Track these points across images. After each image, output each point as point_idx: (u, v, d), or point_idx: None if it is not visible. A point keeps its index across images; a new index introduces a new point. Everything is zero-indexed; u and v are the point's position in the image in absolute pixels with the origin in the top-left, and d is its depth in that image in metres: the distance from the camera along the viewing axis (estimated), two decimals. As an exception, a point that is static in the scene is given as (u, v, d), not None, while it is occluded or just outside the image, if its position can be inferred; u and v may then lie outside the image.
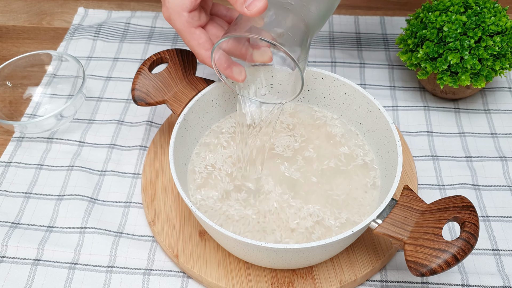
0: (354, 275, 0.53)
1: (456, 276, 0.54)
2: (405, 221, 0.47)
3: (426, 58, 0.64)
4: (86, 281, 0.54)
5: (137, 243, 0.57)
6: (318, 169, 0.56)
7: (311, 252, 0.47)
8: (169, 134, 0.66)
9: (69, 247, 0.57)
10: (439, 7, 0.65)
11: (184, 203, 0.59)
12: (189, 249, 0.56)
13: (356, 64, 0.76)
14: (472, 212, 0.47)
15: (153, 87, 0.60)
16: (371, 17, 0.84)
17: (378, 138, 0.57)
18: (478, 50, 0.62)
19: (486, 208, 0.60)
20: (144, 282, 0.54)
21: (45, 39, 0.83)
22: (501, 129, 0.68)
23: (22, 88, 0.72)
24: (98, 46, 0.80)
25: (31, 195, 0.62)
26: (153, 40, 0.82)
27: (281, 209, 0.53)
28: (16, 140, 0.68)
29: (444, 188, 0.62)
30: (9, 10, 0.87)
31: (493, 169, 0.63)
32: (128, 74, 0.76)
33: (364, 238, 0.56)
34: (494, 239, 0.57)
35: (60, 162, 0.65)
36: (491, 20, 0.62)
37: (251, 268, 0.54)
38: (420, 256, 0.45)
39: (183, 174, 0.55)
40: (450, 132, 0.67)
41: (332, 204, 0.54)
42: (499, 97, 0.71)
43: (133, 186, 0.63)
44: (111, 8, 0.88)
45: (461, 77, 0.62)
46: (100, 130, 0.69)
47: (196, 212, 0.48)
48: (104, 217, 0.60)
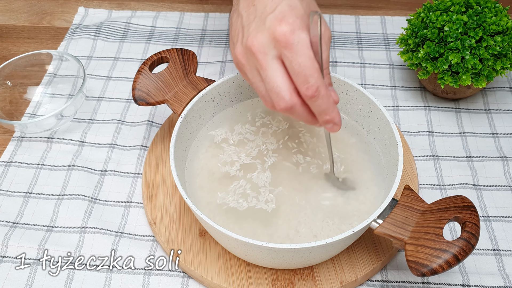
0: (355, 275, 0.53)
1: (457, 276, 0.54)
2: (405, 221, 0.47)
3: (427, 57, 0.64)
4: (86, 281, 0.54)
5: (137, 243, 0.57)
6: (318, 168, 0.56)
7: (312, 252, 0.47)
8: (169, 134, 0.66)
9: (69, 247, 0.57)
10: (440, 6, 0.65)
11: (184, 203, 0.59)
12: (190, 249, 0.55)
13: (357, 63, 0.76)
14: (473, 212, 0.47)
15: (154, 87, 0.60)
16: (371, 17, 0.84)
17: (379, 138, 0.57)
18: (479, 50, 0.62)
19: (487, 208, 0.59)
20: (144, 282, 0.54)
21: (46, 38, 0.83)
22: (502, 129, 0.67)
23: (23, 88, 0.72)
24: (99, 45, 0.80)
25: (31, 195, 0.62)
26: (153, 39, 0.81)
27: (281, 209, 0.53)
28: (16, 139, 0.68)
29: (445, 188, 0.62)
30: (10, 10, 0.87)
31: (494, 169, 0.63)
32: (128, 74, 0.76)
33: (365, 238, 0.56)
34: (495, 239, 0.57)
35: (60, 162, 0.65)
36: (492, 19, 0.62)
37: (251, 268, 0.54)
38: (421, 256, 0.45)
39: (183, 174, 0.55)
40: (450, 132, 0.67)
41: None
42: (500, 97, 0.71)
43: (133, 186, 0.63)
44: (112, 8, 0.88)
45: (462, 77, 0.62)
46: (100, 129, 0.69)
47: (196, 212, 0.48)
48: (105, 217, 0.60)
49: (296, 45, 0.44)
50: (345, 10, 0.86)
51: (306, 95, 0.45)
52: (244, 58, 0.48)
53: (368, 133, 0.59)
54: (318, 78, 0.44)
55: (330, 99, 0.46)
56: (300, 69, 0.44)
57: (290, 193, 0.54)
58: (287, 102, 0.45)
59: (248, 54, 0.47)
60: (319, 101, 0.45)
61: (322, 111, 0.46)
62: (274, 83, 0.45)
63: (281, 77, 0.45)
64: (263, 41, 0.45)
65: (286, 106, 0.46)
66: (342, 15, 0.85)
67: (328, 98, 0.45)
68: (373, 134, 0.58)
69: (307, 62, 0.44)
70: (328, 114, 0.46)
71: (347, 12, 0.85)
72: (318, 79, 0.44)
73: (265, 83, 0.46)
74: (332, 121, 0.47)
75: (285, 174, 0.56)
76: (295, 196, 0.54)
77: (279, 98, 0.45)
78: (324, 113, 0.46)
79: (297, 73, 0.44)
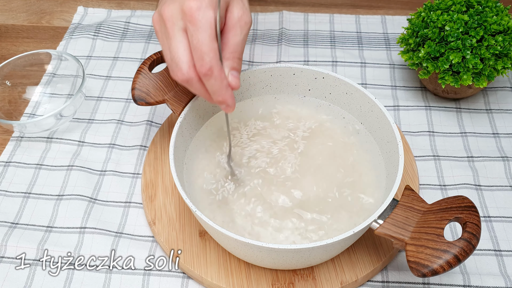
0: (355, 275, 0.53)
1: (457, 276, 0.54)
2: (406, 221, 0.47)
3: (427, 57, 0.63)
4: (85, 281, 0.54)
5: (137, 244, 0.57)
6: (318, 168, 0.56)
7: (312, 253, 0.47)
8: (169, 134, 0.66)
9: (68, 247, 0.56)
10: (441, 6, 0.65)
11: (184, 203, 0.59)
12: (189, 249, 0.55)
13: (357, 63, 0.76)
14: (474, 212, 0.46)
15: (153, 87, 0.59)
16: (372, 16, 0.84)
17: (379, 138, 0.56)
18: (480, 50, 0.61)
19: (488, 208, 0.59)
20: (144, 282, 0.54)
21: (45, 38, 0.83)
22: (503, 129, 0.67)
23: (22, 88, 0.72)
24: (98, 45, 0.80)
25: (30, 195, 0.62)
26: (153, 39, 0.81)
27: (281, 209, 0.53)
28: (15, 139, 0.68)
29: (446, 188, 0.61)
30: (9, 9, 0.87)
31: (495, 169, 0.63)
32: (128, 74, 0.76)
33: (365, 238, 0.56)
34: (496, 239, 0.57)
35: (59, 162, 0.65)
36: (493, 19, 0.62)
37: (251, 269, 0.54)
38: (421, 256, 0.45)
39: (183, 174, 0.55)
40: (451, 132, 0.67)
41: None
42: (501, 96, 0.71)
43: (133, 186, 0.63)
44: (111, 7, 0.87)
45: (463, 77, 0.62)
46: (99, 129, 0.69)
47: (196, 212, 0.47)
48: (104, 217, 0.59)
49: (199, 20, 0.45)
50: (345, 9, 0.85)
51: (200, 72, 0.47)
52: (158, 25, 0.50)
53: (368, 133, 0.58)
54: (213, 58, 0.46)
55: (224, 81, 0.47)
56: (198, 44, 0.45)
57: (290, 193, 0.54)
58: (184, 74, 0.47)
59: (161, 21, 0.49)
60: (211, 81, 0.47)
61: (215, 91, 0.48)
62: (175, 53, 0.47)
63: (183, 49, 0.47)
64: (173, 11, 0.47)
65: (183, 78, 0.48)
66: (342, 14, 0.84)
67: (221, 80, 0.47)
68: (373, 134, 0.58)
69: (205, 40, 0.45)
70: (220, 95, 0.48)
71: (348, 12, 0.85)
72: (213, 58, 0.46)
73: (169, 52, 0.48)
74: (224, 102, 0.49)
75: (285, 174, 0.56)
76: (295, 196, 0.54)
77: (177, 69, 0.48)
78: (216, 93, 0.48)
79: (195, 48, 0.46)
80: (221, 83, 0.47)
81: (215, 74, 0.46)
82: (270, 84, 0.62)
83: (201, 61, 0.46)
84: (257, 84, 0.61)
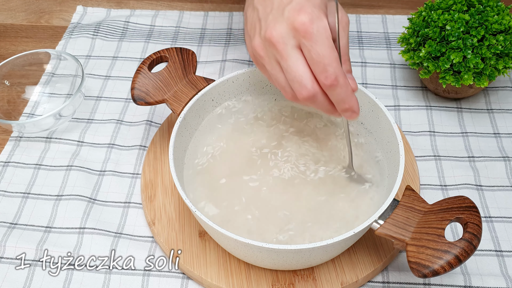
0: (356, 276, 0.53)
1: (458, 277, 0.53)
2: (407, 221, 0.47)
3: (428, 57, 0.63)
4: (85, 282, 0.54)
5: (136, 244, 0.57)
6: (318, 168, 0.56)
7: (312, 253, 0.47)
8: (168, 134, 0.66)
9: (68, 248, 0.56)
10: (442, 5, 0.65)
11: (184, 204, 0.59)
12: (189, 249, 0.55)
13: (358, 63, 0.76)
14: (475, 212, 0.46)
15: (153, 86, 0.59)
16: (373, 16, 0.84)
17: (380, 138, 0.56)
18: (481, 49, 0.61)
19: (489, 208, 0.59)
20: (143, 283, 0.54)
21: (44, 37, 0.82)
22: (504, 129, 0.67)
23: (20, 87, 0.71)
24: (97, 44, 0.80)
25: (29, 195, 0.61)
26: (152, 38, 0.81)
27: (282, 209, 0.53)
28: (14, 139, 0.67)
29: (447, 188, 0.61)
30: (7, 8, 0.87)
31: (496, 169, 0.62)
32: (127, 73, 0.76)
33: (366, 238, 0.55)
34: (497, 240, 0.57)
35: (58, 162, 0.65)
36: (494, 18, 0.62)
37: (251, 269, 0.54)
38: (422, 257, 0.44)
39: (183, 174, 0.55)
40: (452, 132, 0.67)
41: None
42: (502, 96, 0.71)
43: (132, 186, 0.62)
44: (110, 7, 0.87)
45: (464, 76, 0.62)
46: (99, 129, 0.68)
47: (196, 213, 0.47)
48: (103, 218, 0.59)
49: (315, 34, 0.44)
50: (346, 9, 0.85)
51: (325, 84, 0.45)
52: (263, 50, 0.48)
53: (369, 133, 0.58)
54: (336, 67, 0.45)
55: (349, 87, 0.46)
56: (319, 58, 0.44)
57: (288, 195, 0.54)
58: (310, 90, 0.46)
59: (267, 45, 0.47)
60: (337, 90, 0.46)
61: (341, 100, 0.46)
62: (296, 72, 0.46)
63: (303, 66, 0.46)
64: (282, 31, 0.46)
65: (308, 95, 0.46)
66: (342, 14, 0.84)
67: (346, 87, 0.46)
68: (374, 134, 0.57)
69: (325, 51, 0.44)
70: (346, 102, 0.47)
71: (348, 11, 0.85)
72: (336, 68, 0.45)
73: (286, 73, 0.47)
74: (351, 109, 0.47)
75: (285, 174, 0.56)
76: (292, 197, 0.54)
77: (301, 87, 0.46)
78: (342, 101, 0.47)
79: (316, 62, 0.45)
80: (346, 90, 0.46)
81: (340, 82, 0.45)
82: (270, 84, 0.61)
83: (325, 73, 0.45)
84: (257, 84, 0.61)
